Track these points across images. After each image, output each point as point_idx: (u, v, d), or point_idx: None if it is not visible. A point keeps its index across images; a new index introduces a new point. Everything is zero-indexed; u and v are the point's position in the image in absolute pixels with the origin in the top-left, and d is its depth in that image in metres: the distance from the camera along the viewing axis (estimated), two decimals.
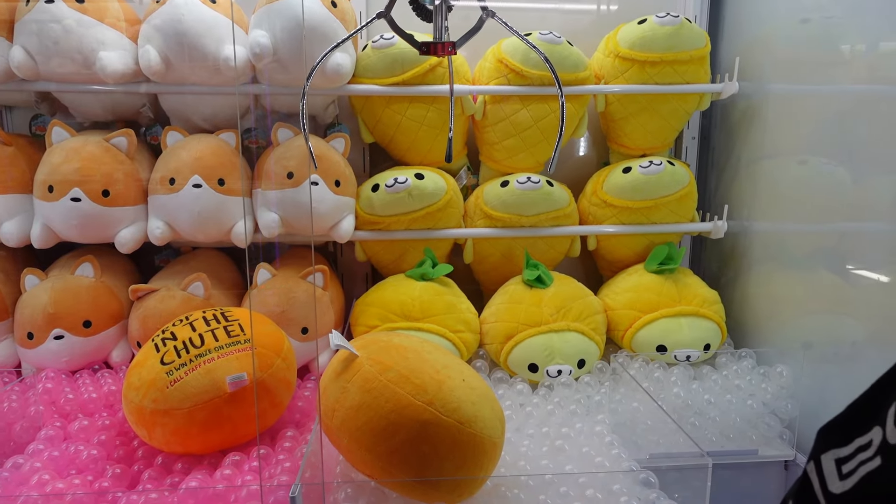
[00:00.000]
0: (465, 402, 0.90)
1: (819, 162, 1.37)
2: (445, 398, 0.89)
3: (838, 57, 1.31)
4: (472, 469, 0.90)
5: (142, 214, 1.42)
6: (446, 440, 0.88)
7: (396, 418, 0.88)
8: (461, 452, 0.89)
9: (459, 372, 0.96)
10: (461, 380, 0.94)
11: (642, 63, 1.50)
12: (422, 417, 0.88)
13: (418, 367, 0.93)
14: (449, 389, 0.91)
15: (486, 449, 0.91)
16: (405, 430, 0.88)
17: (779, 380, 1.35)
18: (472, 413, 0.90)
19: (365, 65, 1.46)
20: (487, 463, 0.93)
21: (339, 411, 0.93)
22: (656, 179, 1.52)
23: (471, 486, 0.93)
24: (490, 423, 0.92)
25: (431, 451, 0.88)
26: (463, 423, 0.89)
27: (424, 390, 0.90)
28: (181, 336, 1.13)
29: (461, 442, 0.88)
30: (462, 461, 0.89)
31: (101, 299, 1.40)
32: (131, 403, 1.09)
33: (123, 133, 1.39)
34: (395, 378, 0.91)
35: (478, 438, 0.90)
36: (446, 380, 0.92)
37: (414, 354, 0.96)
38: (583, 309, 1.46)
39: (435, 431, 0.88)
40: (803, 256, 1.41)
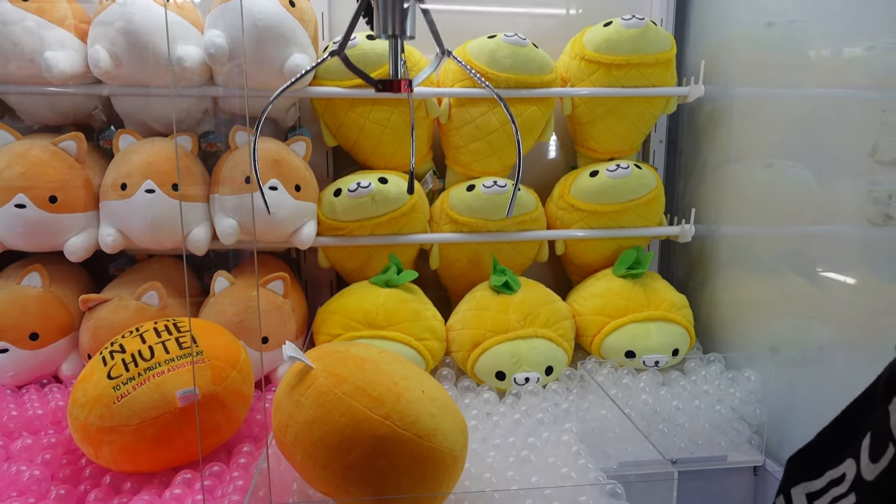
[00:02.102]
0: (423, 414, 0.87)
1: (785, 165, 1.36)
2: (403, 411, 0.86)
3: (803, 61, 1.30)
4: (431, 484, 0.87)
5: (93, 221, 1.36)
6: (404, 455, 0.84)
7: (352, 433, 0.84)
8: (420, 467, 0.85)
9: (419, 383, 0.92)
10: (420, 391, 0.90)
11: (608, 66, 1.48)
12: (378, 432, 0.84)
13: (375, 380, 0.89)
14: (407, 402, 0.87)
15: (447, 463, 0.88)
16: (361, 444, 0.84)
17: (747, 384, 1.34)
18: (431, 426, 0.87)
19: (326, 66, 1.42)
20: (448, 478, 0.89)
21: (292, 426, 0.89)
22: (624, 183, 1.50)
23: (430, 502, 0.90)
24: (451, 437, 0.89)
25: (389, 466, 0.84)
26: (422, 436, 0.85)
27: (381, 403, 0.86)
28: (130, 348, 1.08)
29: (420, 456, 0.85)
30: (421, 476, 0.85)
31: (50, 310, 1.34)
32: (76, 420, 1.03)
33: (72, 136, 1.33)
34: (351, 391, 0.87)
35: (437, 452, 0.86)
36: (405, 392, 0.89)
37: (371, 365, 0.92)
38: (550, 315, 1.44)
39: (392, 446, 0.84)
40: (770, 260, 1.40)
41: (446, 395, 0.97)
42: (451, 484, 0.91)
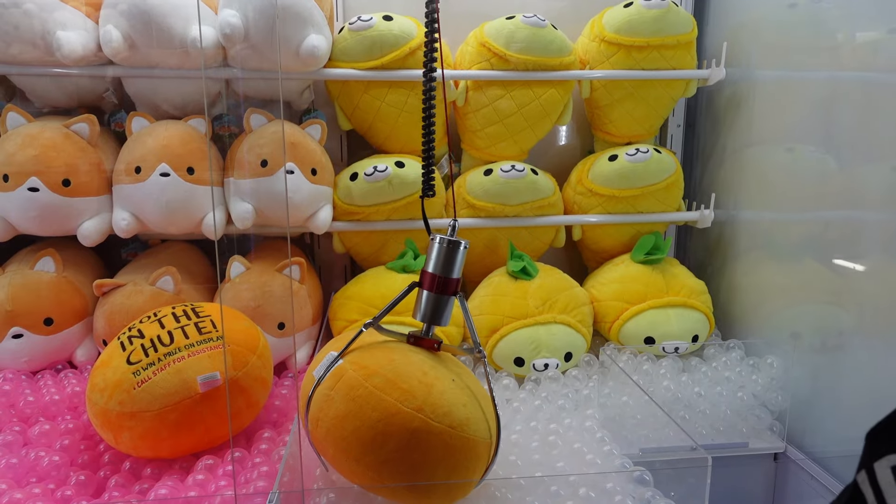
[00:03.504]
0: (455, 405, 0.86)
1: (806, 149, 1.34)
2: (435, 403, 0.84)
3: (826, 42, 1.28)
4: (465, 473, 0.86)
5: (106, 205, 1.34)
6: (438, 447, 0.83)
7: (385, 427, 0.83)
8: (454, 458, 0.84)
9: (448, 371, 0.91)
10: (450, 380, 0.89)
11: (628, 48, 1.46)
12: (412, 425, 0.83)
13: (405, 371, 0.87)
14: (439, 393, 0.86)
15: (480, 452, 0.87)
16: (395, 439, 0.83)
17: (769, 371, 1.32)
18: (463, 416, 0.85)
19: (342, 48, 1.40)
20: (481, 465, 0.88)
21: (323, 420, 0.87)
22: (643, 167, 1.48)
23: (465, 488, 0.89)
24: (483, 425, 0.88)
25: (423, 458, 0.83)
26: (455, 427, 0.84)
27: (413, 396, 0.85)
28: (149, 334, 1.06)
29: (453, 447, 0.84)
30: (454, 466, 0.84)
31: (64, 295, 1.32)
32: (95, 406, 1.02)
33: (85, 119, 1.31)
34: (382, 384, 0.85)
35: (471, 442, 0.85)
36: (435, 382, 0.87)
37: (400, 356, 0.91)
38: (569, 301, 1.42)
39: (426, 438, 0.83)
40: (791, 245, 1.39)
41: (475, 380, 0.95)
42: (483, 469, 0.90)
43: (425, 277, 0.93)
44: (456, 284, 0.94)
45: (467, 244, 0.94)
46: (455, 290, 0.94)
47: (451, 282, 0.93)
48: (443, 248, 0.93)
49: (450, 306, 0.94)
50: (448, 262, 0.93)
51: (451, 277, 0.93)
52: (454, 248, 0.93)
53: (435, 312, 0.94)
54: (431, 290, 0.93)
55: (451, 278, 0.93)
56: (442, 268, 0.93)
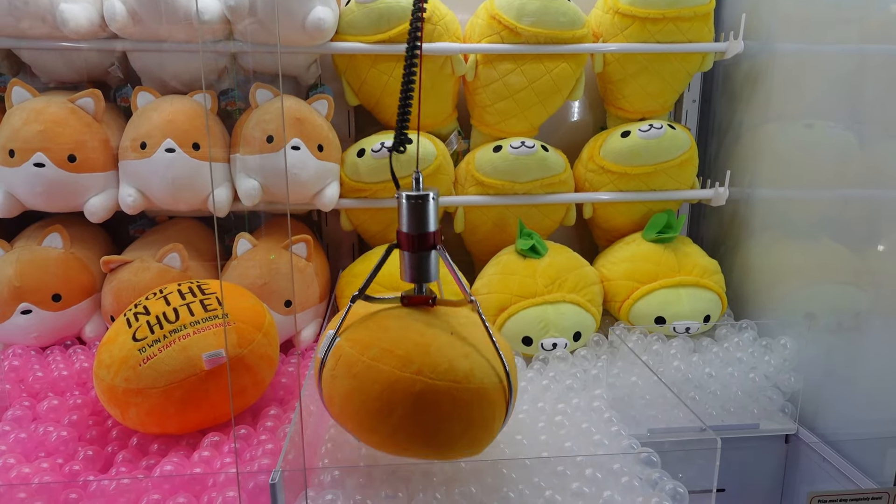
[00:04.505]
0: (455, 358, 0.83)
1: (826, 126, 1.30)
2: (434, 362, 0.83)
3: (850, 14, 1.23)
4: (482, 420, 0.84)
5: (113, 181, 1.33)
6: (445, 404, 0.82)
7: (388, 396, 0.82)
8: (465, 410, 0.83)
9: (447, 326, 0.89)
10: (448, 334, 0.87)
11: (643, 20, 1.41)
12: (414, 389, 0.82)
13: (401, 336, 0.86)
14: (436, 351, 0.84)
15: (493, 398, 0.85)
16: (400, 406, 0.82)
17: (782, 352, 1.30)
18: (466, 368, 0.83)
19: (348, 20, 1.37)
20: (499, 409, 0.86)
21: (335, 399, 0.88)
22: (656, 144, 1.45)
23: (489, 433, 0.88)
24: (489, 371, 0.85)
25: (434, 418, 0.82)
26: (459, 381, 0.82)
27: (410, 360, 0.83)
28: (154, 310, 1.06)
29: (462, 401, 0.82)
30: (469, 417, 0.83)
31: (72, 272, 1.32)
32: (102, 382, 1.02)
33: (90, 94, 1.29)
34: (378, 354, 0.84)
35: (480, 391, 0.83)
36: (432, 341, 0.85)
37: (394, 322, 0.89)
38: (579, 280, 1.40)
39: (432, 398, 0.82)
40: (807, 224, 1.35)
41: (477, 327, 0.91)
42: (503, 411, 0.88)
43: (401, 238, 0.90)
44: (433, 237, 0.90)
45: (436, 193, 0.90)
46: (433, 244, 0.90)
47: (427, 236, 0.89)
48: (411, 205, 0.89)
49: (434, 260, 0.92)
50: (419, 217, 0.89)
51: (426, 232, 0.89)
52: (422, 202, 0.89)
53: (420, 270, 0.91)
54: (410, 249, 0.90)
55: (426, 233, 0.89)
56: (416, 225, 0.89)
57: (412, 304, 0.93)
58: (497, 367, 0.86)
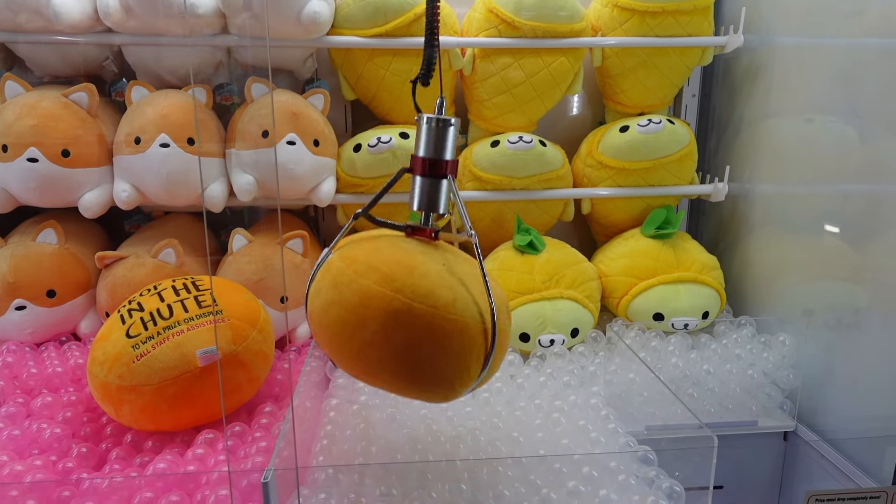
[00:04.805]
0: (440, 286, 0.80)
1: (826, 120, 1.29)
2: (416, 284, 0.80)
3: (851, 7, 1.22)
4: (457, 355, 0.80)
5: (107, 176, 1.32)
6: (418, 327, 0.78)
7: (364, 310, 0.80)
8: (439, 338, 0.79)
9: (441, 257, 0.86)
10: (440, 265, 0.84)
11: (642, 13, 1.40)
12: (391, 307, 0.79)
13: (390, 256, 0.84)
14: (420, 275, 0.81)
15: (472, 335, 0.80)
16: (374, 321, 0.79)
17: (781, 349, 1.29)
18: (449, 297, 0.80)
19: (344, 14, 1.36)
20: (476, 350, 0.82)
21: (314, 313, 0.86)
22: (655, 139, 1.44)
23: (462, 376, 0.82)
24: (473, 308, 0.81)
25: (405, 341, 0.79)
26: (437, 307, 0.79)
27: (392, 278, 0.80)
28: (148, 307, 1.05)
29: (437, 327, 0.79)
30: (442, 347, 0.79)
31: (66, 267, 1.31)
32: (96, 379, 1.01)
33: (83, 88, 1.28)
34: (363, 269, 0.82)
35: (458, 323, 0.79)
36: (419, 266, 0.82)
37: (388, 243, 0.87)
38: (576, 276, 1.39)
39: (406, 320, 0.78)
40: (807, 220, 1.35)
41: (473, 269, 0.87)
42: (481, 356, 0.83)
43: (415, 162, 0.87)
44: (446, 167, 0.87)
45: (457, 122, 0.88)
46: (446, 172, 0.87)
47: (441, 163, 0.87)
48: (431, 128, 0.86)
49: (444, 191, 0.88)
50: (438, 142, 0.86)
51: (441, 159, 0.87)
52: (443, 126, 0.86)
53: (429, 198, 0.88)
54: (422, 174, 0.87)
55: (441, 160, 0.87)
56: (432, 149, 0.86)
57: (415, 234, 0.90)
58: (483, 308, 0.82)
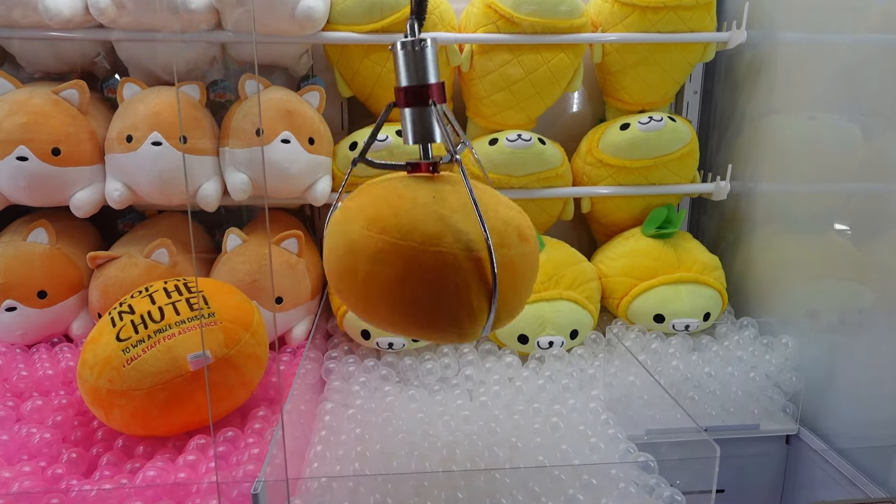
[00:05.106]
0: (424, 220, 0.77)
1: (830, 118, 1.27)
2: (400, 222, 0.77)
3: (855, 3, 1.20)
4: (456, 291, 0.76)
5: (99, 175, 1.30)
6: (401, 263, 0.76)
7: (352, 256, 0.78)
8: (429, 274, 0.75)
9: (433, 190, 0.81)
10: (431, 197, 0.80)
11: (644, 9, 1.37)
12: (375, 247, 0.77)
13: (378, 197, 0.81)
14: (406, 212, 0.78)
15: (463, 267, 0.76)
16: (362, 264, 0.78)
17: (784, 351, 1.27)
18: (436, 230, 0.76)
19: (340, 9, 1.33)
20: (472, 281, 0.76)
21: (324, 257, 0.87)
22: (656, 137, 1.41)
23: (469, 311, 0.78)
24: (465, 238, 0.76)
25: (394, 279, 0.76)
26: (423, 241, 0.75)
27: (377, 219, 0.78)
28: (139, 309, 1.03)
29: (424, 263, 0.75)
30: (434, 283, 0.75)
31: (57, 267, 1.29)
32: (86, 383, 0.99)
33: (74, 85, 1.26)
34: (354, 214, 0.81)
35: (447, 256, 0.75)
36: (407, 203, 0.79)
37: (383, 186, 0.84)
38: (576, 276, 1.37)
39: (391, 258, 0.76)
40: (810, 219, 1.32)
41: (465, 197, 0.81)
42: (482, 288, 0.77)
43: (398, 94, 0.83)
44: (430, 91, 0.81)
45: (434, 38, 0.82)
46: (429, 97, 0.81)
47: (425, 89, 0.81)
48: (407, 53, 0.81)
49: (435, 118, 0.83)
50: (418, 67, 0.81)
51: (423, 84, 0.81)
52: (420, 48, 0.81)
53: (422, 129, 0.84)
54: (408, 104, 0.82)
55: (423, 85, 0.81)
56: (414, 76, 0.81)
57: (416, 171, 0.87)
58: (476, 237, 0.77)
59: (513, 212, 0.85)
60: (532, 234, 0.85)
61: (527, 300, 0.87)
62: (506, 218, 0.82)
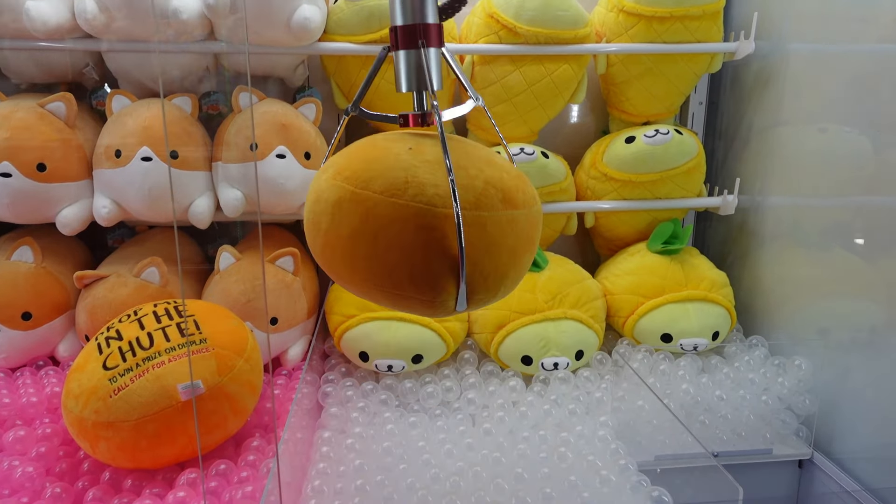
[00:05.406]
0: (392, 170, 0.70)
1: (841, 130, 1.24)
2: (364, 171, 0.71)
3: (868, 13, 1.17)
4: (418, 249, 0.69)
5: (87, 190, 1.25)
6: (359, 214, 0.69)
7: (316, 206, 0.74)
8: (386, 228, 0.69)
9: (413, 141, 0.75)
10: (407, 149, 0.73)
11: (650, 19, 1.34)
12: (335, 197, 0.71)
13: (358, 146, 0.76)
14: (376, 161, 0.72)
15: (423, 221, 0.68)
16: (325, 215, 0.72)
17: (796, 373, 1.24)
18: (400, 180, 0.69)
19: (337, 19, 1.29)
20: (444, 243, 0.69)
21: None
22: (663, 150, 1.38)
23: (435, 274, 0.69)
24: (431, 192, 0.69)
25: (348, 229, 0.70)
26: (383, 192, 0.69)
27: (343, 168, 0.73)
28: (127, 335, 0.98)
29: (380, 215, 0.69)
30: (393, 237, 0.68)
31: (43, 287, 1.24)
32: (71, 414, 0.95)
33: (61, 97, 1.21)
34: (327, 166, 0.76)
35: (406, 209, 0.68)
36: (380, 153, 0.73)
37: (367, 139, 0.78)
38: (581, 294, 1.33)
39: (348, 207, 0.70)
40: (821, 234, 1.29)
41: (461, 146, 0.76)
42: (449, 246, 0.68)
43: (392, 35, 0.77)
44: (420, 30, 0.74)
45: None
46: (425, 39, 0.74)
47: (415, 28, 0.74)
48: None
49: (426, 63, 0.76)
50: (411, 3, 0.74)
51: (412, 24, 0.74)
52: None
53: (415, 74, 0.76)
54: (400, 46, 0.76)
55: (418, 24, 0.74)
56: (409, 14, 0.75)
57: (408, 123, 0.79)
58: (445, 193, 0.69)
59: (502, 173, 0.76)
60: (525, 199, 0.76)
61: (516, 274, 0.76)
62: (490, 178, 0.73)
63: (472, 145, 0.79)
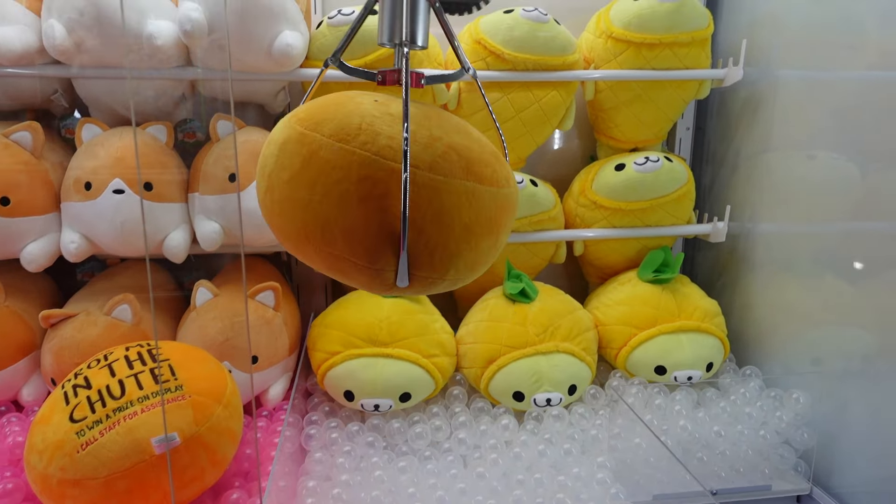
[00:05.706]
0: (347, 115, 0.66)
1: (830, 157, 1.23)
2: (321, 112, 0.67)
3: (856, 40, 1.16)
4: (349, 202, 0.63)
5: (54, 224, 1.19)
6: (301, 156, 0.65)
7: (266, 149, 0.70)
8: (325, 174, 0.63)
9: (385, 98, 0.71)
10: (373, 101, 0.69)
11: (638, 45, 1.32)
12: (283, 136, 0.68)
13: (320, 99, 0.72)
14: (336, 108, 0.68)
15: (373, 172, 0.63)
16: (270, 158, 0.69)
17: (794, 406, 1.21)
18: (352, 126, 0.64)
19: (320, 45, 1.25)
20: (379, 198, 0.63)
21: None
22: (653, 178, 1.35)
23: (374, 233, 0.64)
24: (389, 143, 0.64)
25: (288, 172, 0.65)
26: (331, 136, 0.64)
27: (302, 114, 0.68)
28: (96, 383, 0.92)
29: (321, 158, 0.63)
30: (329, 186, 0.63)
31: (6, 328, 1.17)
32: (34, 470, 0.88)
33: (27, 127, 1.15)
34: (291, 115, 0.71)
35: (351, 155, 0.63)
36: (342, 99, 0.70)
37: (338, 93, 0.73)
38: (572, 326, 1.29)
39: (292, 148, 0.66)
40: (810, 261, 1.28)
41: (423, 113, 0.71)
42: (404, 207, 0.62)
43: None
44: None
45: None
46: None
47: None
48: None
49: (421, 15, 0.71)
50: None
51: None
52: None
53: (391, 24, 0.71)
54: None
55: None
56: None
57: (385, 81, 0.73)
58: (398, 147, 0.64)
59: (472, 143, 0.70)
60: (495, 177, 0.70)
61: (471, 258, 0.69)
62: (455, 144, 0.68)
63: (451, 115, 0.75)
